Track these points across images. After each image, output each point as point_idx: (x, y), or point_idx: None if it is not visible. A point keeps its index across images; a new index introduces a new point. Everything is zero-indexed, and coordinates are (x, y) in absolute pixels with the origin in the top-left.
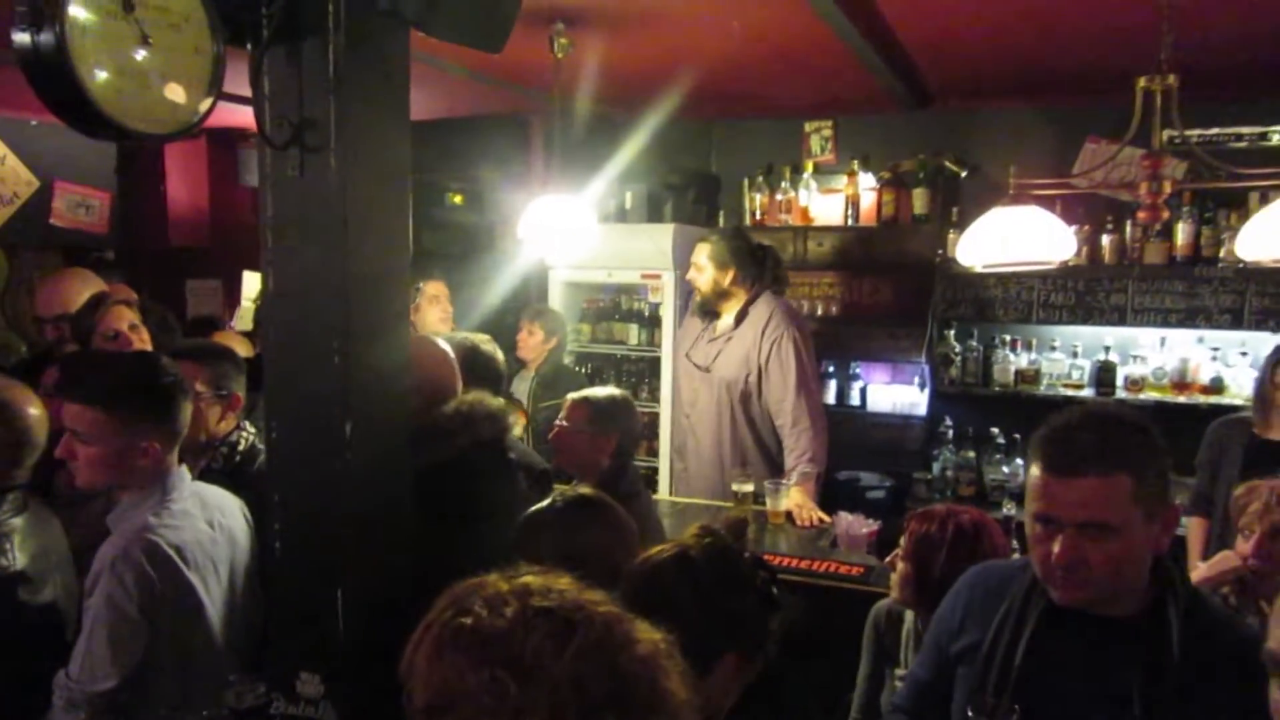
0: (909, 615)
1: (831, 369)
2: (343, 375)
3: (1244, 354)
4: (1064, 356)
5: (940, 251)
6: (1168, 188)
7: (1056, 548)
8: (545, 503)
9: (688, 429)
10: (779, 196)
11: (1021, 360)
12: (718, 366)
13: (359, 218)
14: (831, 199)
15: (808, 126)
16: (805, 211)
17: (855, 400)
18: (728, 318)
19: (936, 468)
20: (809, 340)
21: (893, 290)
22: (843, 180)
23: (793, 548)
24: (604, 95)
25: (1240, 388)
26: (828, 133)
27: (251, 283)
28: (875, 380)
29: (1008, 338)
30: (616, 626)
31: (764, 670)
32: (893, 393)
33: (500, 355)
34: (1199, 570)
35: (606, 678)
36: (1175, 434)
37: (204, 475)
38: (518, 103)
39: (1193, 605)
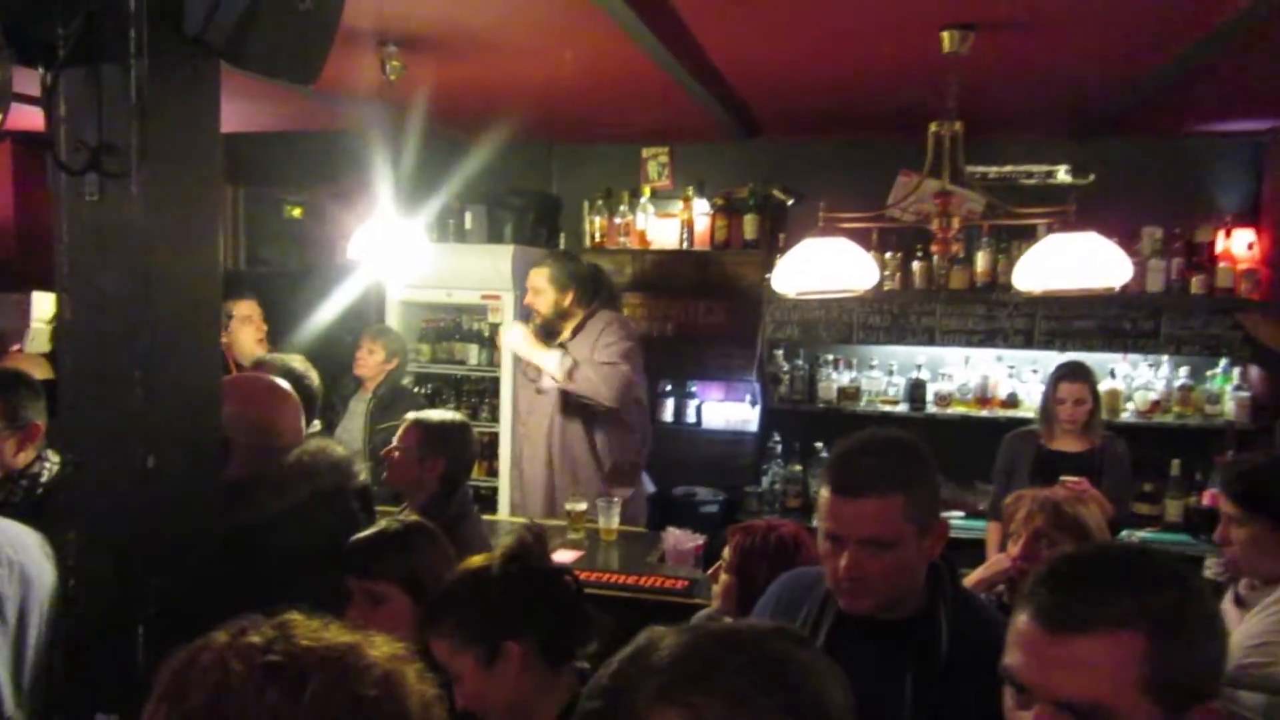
0: (726, 621)
1: (669, 387)
2: (144, 405)
3: (1034, 371)
4: (881, 375)
5: (768, 275)
6: (956, 223)
7: (843, 562)
8: (380, 527)
9: (524, 436)
10: (618, 220)
11: (844, 378)
12: (549, 382)
13: (162, 244)
14: (668, 223)
15: (645, 152)
16: (643, 235)
17: (691, 418)
18: (565, 335)
19: (766, 481)
20: (639, 353)
21: (726, 312)
22: (679, 205)
23: (623, 564)
24: (442, 115)
25: (1033, 401)
26: (664, 159)
27: (42, 303)
28: (710, 398)
29: (831, 357)
30: (347, 659)
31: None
32: (726, 410)
33: (315, 377)
34: (975, 573)
35: (348, 711)
36: (978, 445)
37: (2, 510)
38: (355, 119)
39: (961, 606)
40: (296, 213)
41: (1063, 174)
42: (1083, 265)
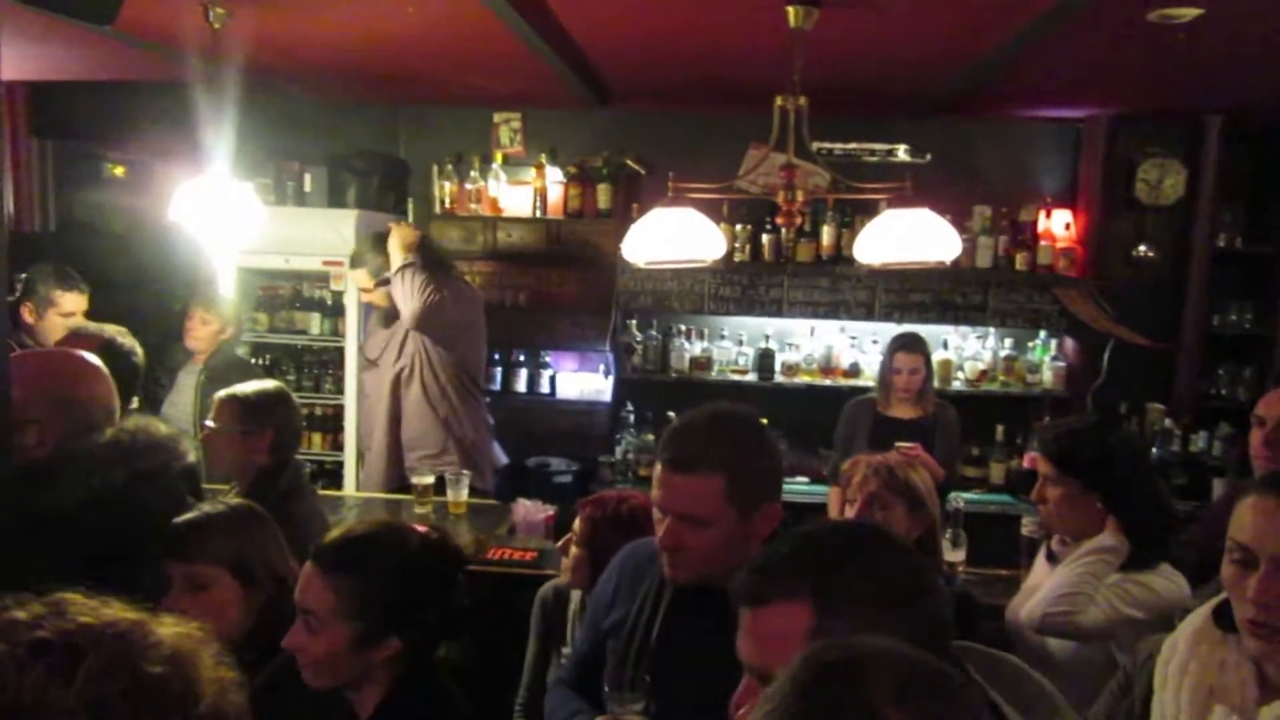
0: (575, 594)
1: (522, 358)
2: None
3: (875, 342)
4: (732, 345)
5: (622, 245)
6: (800, 196)
7: (660, 531)
8: (203, 508)
9: (367, 410)
10: (469, 186)
11: (695, 348)
12: (385, 358)
13: None
14: (520, 191)
15: (497, 117)
16: (495, 202)
17: (545, 388)
18: None
19: (620, 451)
20: (475, 324)
21: (579, 281)
22: (531, 173)
23: (472, 537)
24: (278, 71)
25: (874, 371)
26: (516, 124)
27: None
28: (564, 368)
29: (683, 327)
30: (129, 635)
31: (425, 660)
32: (580, 380)
33: (139, 350)
34: None
35: (130, 690)
36: (823, 413)
37: None
38: (179, 70)
39: None
40: (118, 171)
41: (902, 153)
42: (917, 240)
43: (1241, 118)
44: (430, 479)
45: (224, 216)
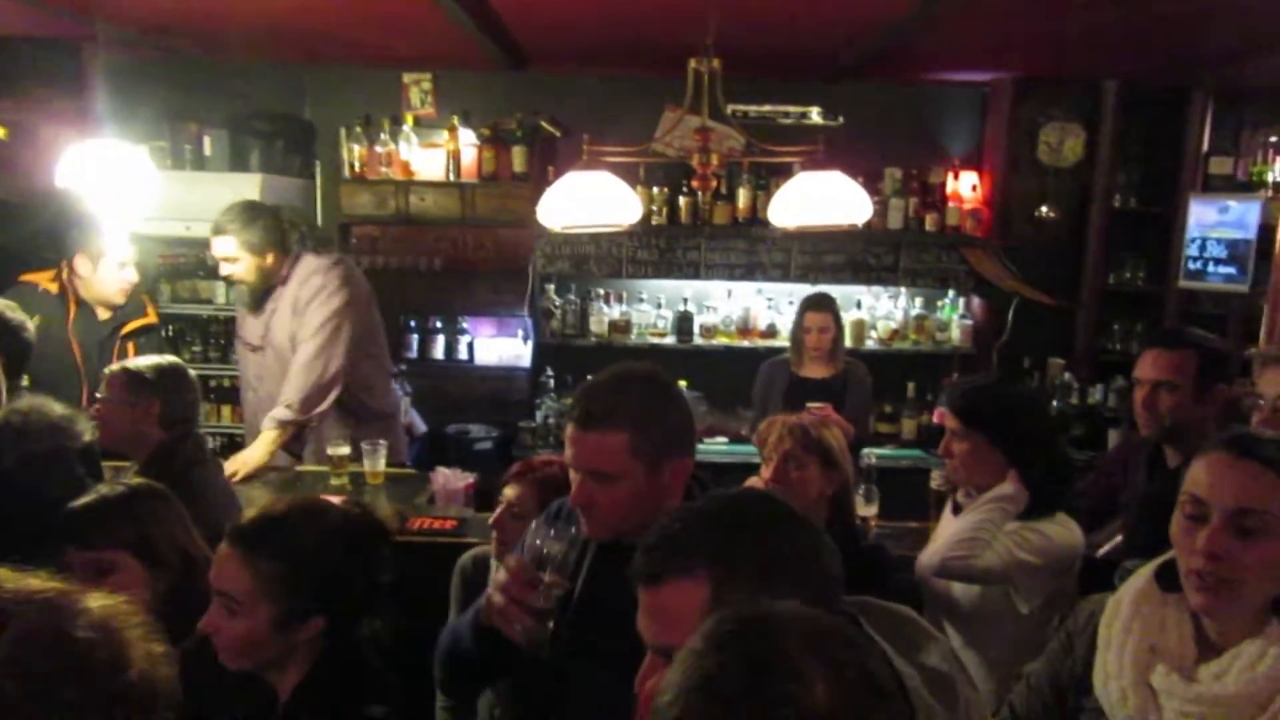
0: (494, 563)
1: (439, 324)
2: None
3: (791, 303)
4: (650, 308)
5: (537, 210)
6: (715, 159)
7: (573, 489)
8: (101, 490)
9: (257, 406)
10: (379, 149)
11: (614, 312)
12: (270, 340)
13: None
14: (433, 154)
15: (407, 78)
16: (406, 165)
17: (463, 354)
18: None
19: (540, 416)
20: (362, 299)
21: (496, 246)
22: (444, 135)
23: (392, 506)
24: (171, 28)
25: (789, 331)
26: (427, 86)
27: None
28: (482, 334)
29: (602, 291)
30: (58, 603)
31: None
32: (499, 346)
33: (30, 324)
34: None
35: (55, 653)
36: (741, 374)
37: None
38: (65, 26)
39: None
40: (0, 133)
41: (815, 115)
42: (828, 203)
43: (1137, 83)
44: (346, 449)
45: (117, 181)
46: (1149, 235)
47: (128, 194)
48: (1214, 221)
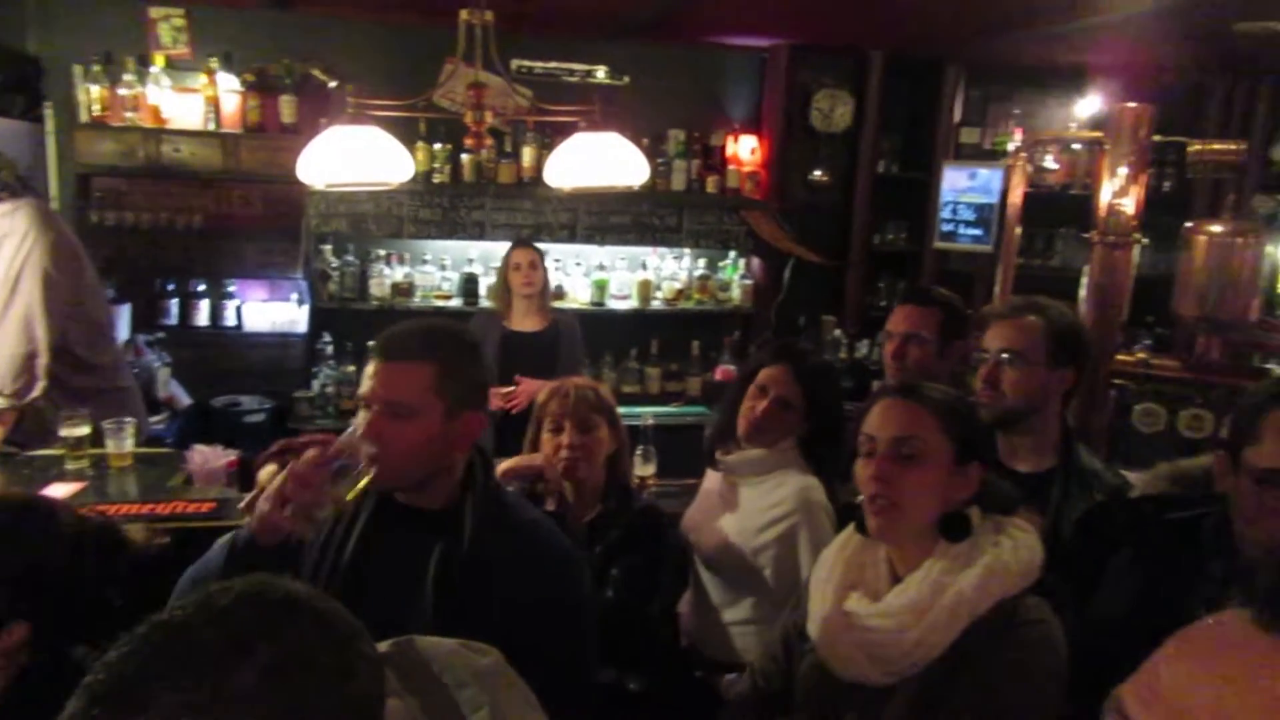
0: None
1: (202, 288)
2: None
3: (579, 264)
4: (435, 269)
5: (297, 166)
6: (489, 117)
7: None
8: None
9: None
10: (123, 91)
11: (397, 274)
12: None
13: None
14: (189, 99)
15: (155, 13)
16: (157, 111)
17: (231, 320)
18: None
19: (317, 385)
20: (54, 241)
21: (264, 203)
22: (201, 79)
23: (140, 491)
24: None
25: (578, 294)
26: (180, 22)
27: None
28: (252, 298)
29: (383, 252)
30: None
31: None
32: (271, 310)
33: None
34: (507, 461)
35: None
36: None
37: None
38: None
39: (490, 503)
40: None
41: (601, 74)
42: (604, 164)
43: (900, 54)
44: (84, 429)
45: None
46: (910, 199)
47: None
48: (964, 187)
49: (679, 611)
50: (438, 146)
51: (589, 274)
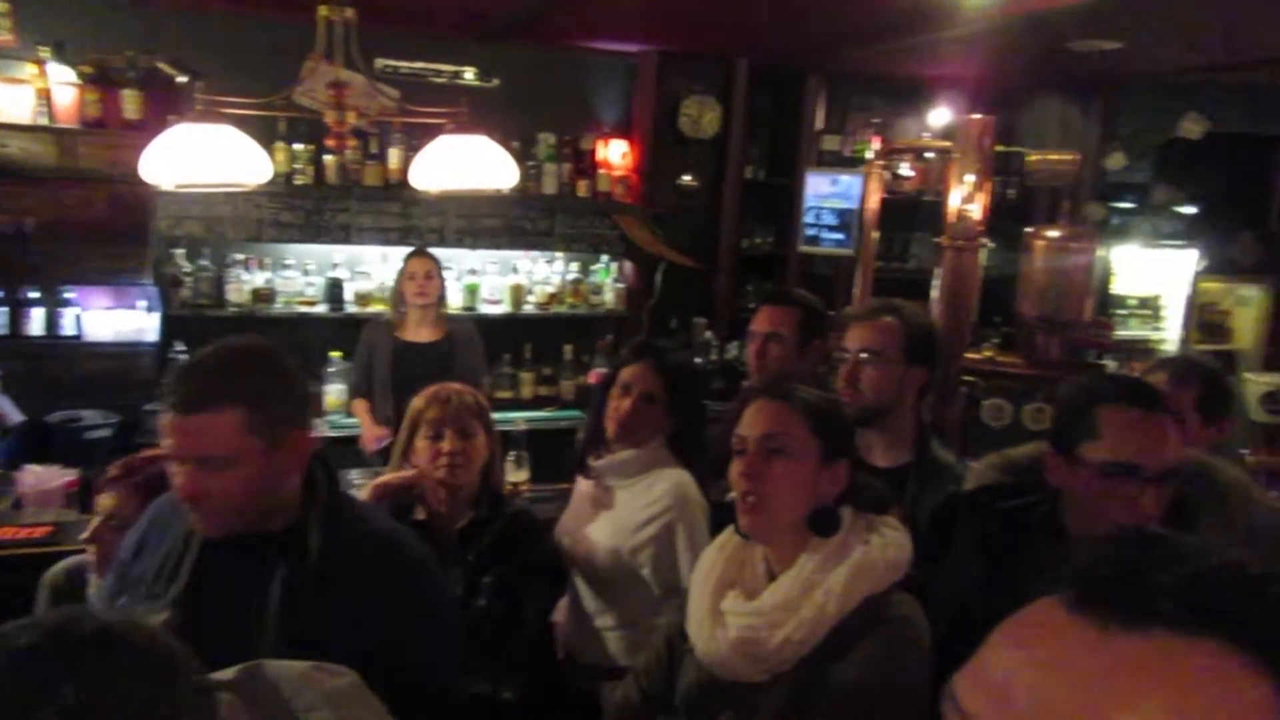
0: (94, 578)
1: (36, 295)
2: None
3: (449, 268)
4: (298, 274)
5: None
6: (351, 117)
7: (179, 482)
8: None
9: None
10: None
11: (257, 279)
12: None
13: None
14: (16, 91)
15: None
16: None
17: (69, 329)
18: None
19: None
20: None
21: (108, 204)
22: (29, 70)
23: None
24: None
25: (447, 297)
26: (4, 7)
27: None
28: (94, 306)
29: (241, 256)
30: None
31: None
32: (115, 319)
33: None
34: (383, 478)
35: None
36: None
37: None
38: None
39: (335, 518)
40: None
41: (470, 76)
42: (472, 167)
43: (765, 63)
44: None
45: None
46: (776, 204)
47: None
48: (827, 193)
49: (554, 620)
50: (299, 147)
51: (460, 278)
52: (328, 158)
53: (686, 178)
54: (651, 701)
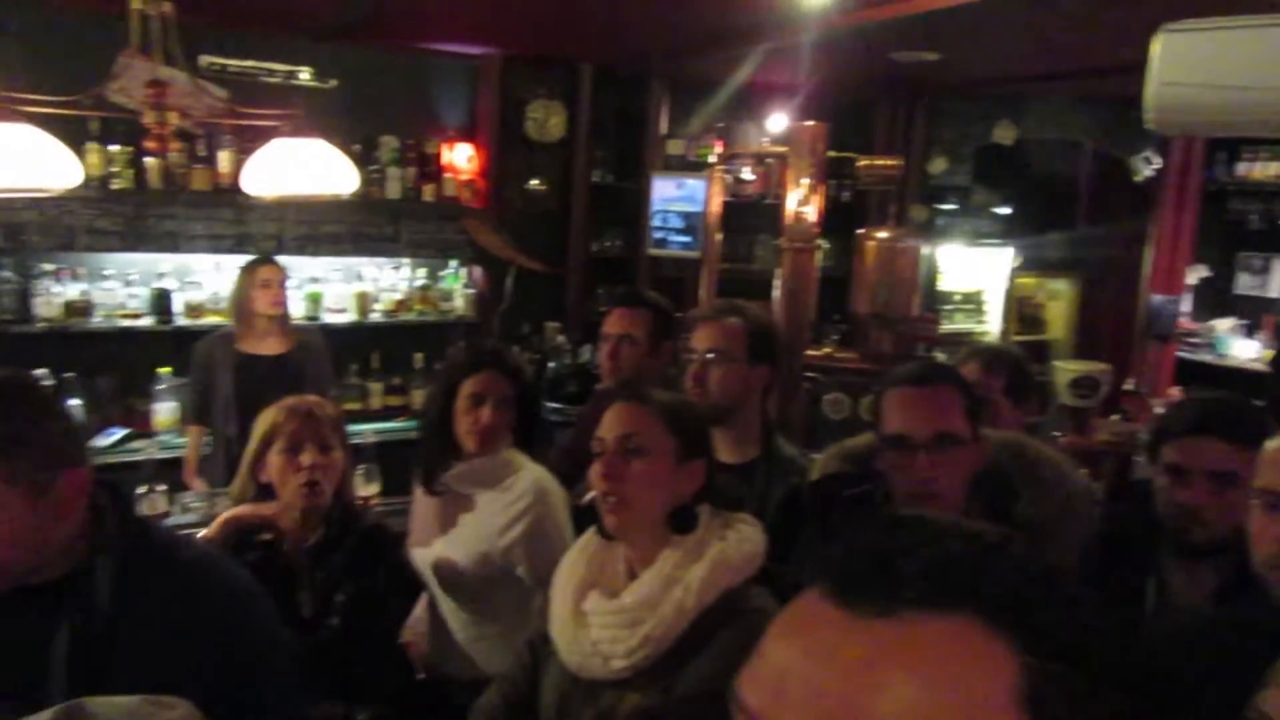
0: None
1: None
2: None
3: (288, 278)
4: (119, 285)
5: None
6: (173, 118)
7: None
8: None
9: None
10: None
11: (70, 291)
12: None
13: None
14: None
15: None
16: None
17: None
18: None
19: None
20: None
21: None
22: None
23: None
24: None
25: (293, 308)
26: None
27: None
28: None
29: (51, 267)
30: None
31: None
32: None
33: None
34: (230, 511)
35: None
36: None
37: None
38: None
39: (131, 550)
40: None
41: (305, 76)
42: (308, 171)
43: (609, 68)
44: None
45: None
46: (624, 207)
47: None
48: (673, 196)
49: (407, 641)
50: (115, 148)
51: (301, 286)
52: (149, 160)
53: (534, 181)
54: (514, 707)
